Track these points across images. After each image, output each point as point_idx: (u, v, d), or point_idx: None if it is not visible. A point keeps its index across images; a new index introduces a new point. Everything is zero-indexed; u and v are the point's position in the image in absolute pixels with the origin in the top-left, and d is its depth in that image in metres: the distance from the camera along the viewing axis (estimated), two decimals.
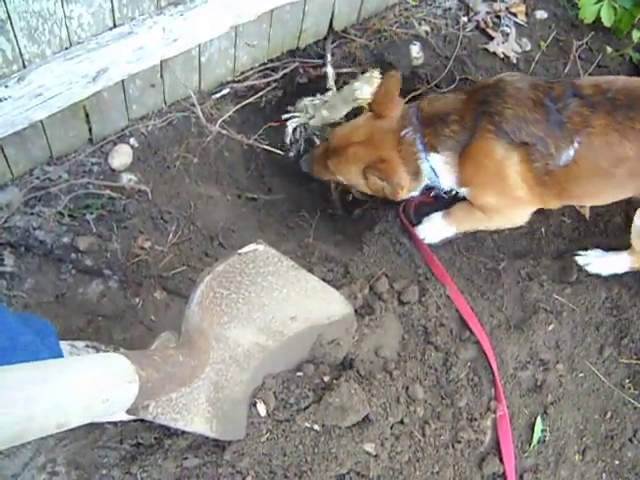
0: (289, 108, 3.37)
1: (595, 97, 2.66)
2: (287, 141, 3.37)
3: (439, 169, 2.90)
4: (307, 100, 3.32)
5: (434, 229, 3.16)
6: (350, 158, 2.99)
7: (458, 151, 2.82)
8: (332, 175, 3.14)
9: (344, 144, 3.01)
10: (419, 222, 3.22)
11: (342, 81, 3.48)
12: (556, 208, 3.05)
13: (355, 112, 3.27)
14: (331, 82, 3.40)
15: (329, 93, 3.31)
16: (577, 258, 3.17)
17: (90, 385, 1.46)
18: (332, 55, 3.51)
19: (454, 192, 3.04)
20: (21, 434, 1.29)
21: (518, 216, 3.00)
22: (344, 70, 3.53)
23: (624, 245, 3.03)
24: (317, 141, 3.35)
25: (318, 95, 3.34)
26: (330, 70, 3.40)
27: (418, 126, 2.87)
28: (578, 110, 2.65)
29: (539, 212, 3.03)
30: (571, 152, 2.65)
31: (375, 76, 2.99)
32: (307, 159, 3.28)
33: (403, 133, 2.87)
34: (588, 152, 2.65)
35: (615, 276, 3.07)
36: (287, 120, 3.33)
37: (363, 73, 3.19)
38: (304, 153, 3.43)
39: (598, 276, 3.09)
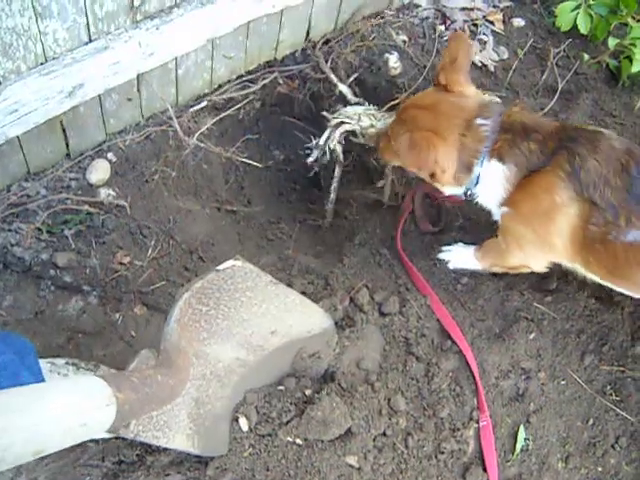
0: (326, 114, 3.27)
1: None
2: (325, 146, 3.24)
3: (491, 179, 2.65)
4: (359, 108, 3.24)
5: (462, 259, 3.11)
6: (407, 121, 2.75)
7: (523, 171, 2.57)
8: (393, 153, 2.88)
9: (405, 108, 2.82)
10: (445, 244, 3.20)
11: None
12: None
13: None
14: (350, 97, 3.34)
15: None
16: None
17: (67, 411, 1.46)
18: (334, 71, 3.47)
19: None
20: None
21: (538, 259, 2.81)
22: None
23: None
24: (339, 150, 3.25)
25: (367, 104, 3.30)
26: (344, 87, 3.35)
27: (497, 126, 2.61)
28: None
29: None
30: None
31: None
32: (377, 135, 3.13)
33: (479, 122, 2.61)
34: None
35: (594, 284, 3.07)
36: (336, 125, 3.24)
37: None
38: (322, 162, 3.38)
39: (577, 284, 3.09)
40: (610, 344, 3.02)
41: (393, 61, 3.59)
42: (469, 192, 2.76)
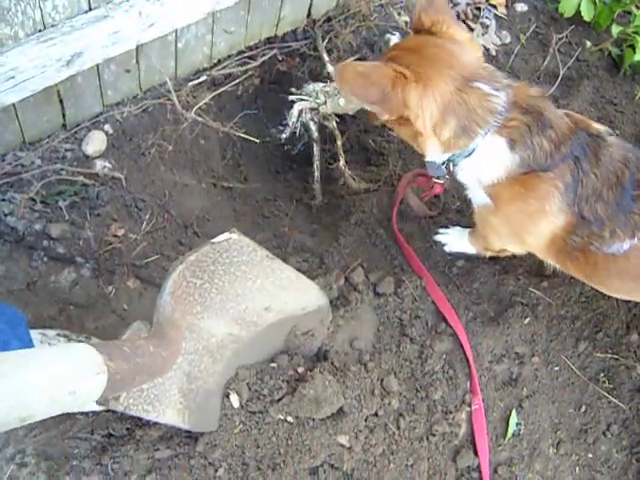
0: (293, 90, 3.26)
1: None
2: (290, 123, 3.21)
3: (488, 159, 2.42)
4: (318, 85, 3.19)
5: (458, 242, 3.09)
6: (387, 60, 2.41)
7: (524, 167, 2.39)
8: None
9: (391, 50, 2.53)
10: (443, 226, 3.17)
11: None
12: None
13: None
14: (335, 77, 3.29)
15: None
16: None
17: (55, 378, 1.44)
18: (333, 51, 3.45)
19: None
20: None
21: (516, 250, 2.81)
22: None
23: None
24: (313, 128, 3.25)
25: (329, 82, 3.25)
26: (332, 68, 3.29)
27: (510, 102, 2.35)
28: None
29: None
30: (626, 245, 2.40)
31: None
32: None
33: (486, 89, 2.32)
34: None
35: None
36: (293, 102, 3.22)
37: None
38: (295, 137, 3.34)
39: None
40: (605, 331, 3.02)
41: (394, 41, 3.56)
42: (452, 163, 2.52)
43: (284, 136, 3.15)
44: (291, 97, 3.14)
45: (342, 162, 3.24)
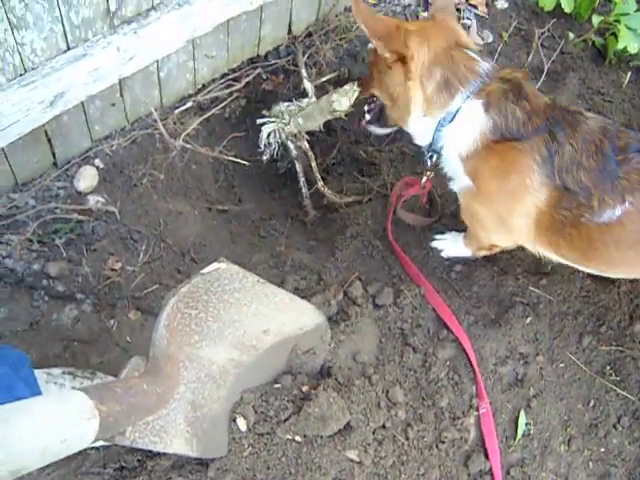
0: (264, 112, 3.33)
1: None
2: (261, 146, 3.33)
3: (467, 122, 2.53)
4: (283, 105, 3.28)
5: (454, 247, 3.11)
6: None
7: (496, 134, 2.48)
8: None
9: None
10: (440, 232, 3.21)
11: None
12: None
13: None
14: (311, 94, 3.33)
15: (305, 100, 3.26)
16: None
17: (45, 428, 1.46)
18: (306, 66, 3.48)
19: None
20: None
21: (503, 241, 2.83)
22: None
23: None
24: (291, 146, 3.32)
25: (294, 101, 3.30)
26: (308, 85, 3.34)
27: (493, 73, 2.52)
28: (639, 167, 2.40)
29: None
30: (618, 211, 2.40)
31: (354, 89, 2.93)
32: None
33: (474, 55, 2.55)
34: (638, 215, 2.40)
35: None
36: (261, 125, 3.30)
37: (342, 85, 3.14)
38: (279, 157, 3.41)
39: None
40: (608, 324, 3.02)
41: None
42: (436, 138, 2.63)
43: (265, 158, 3.24)
44: (259, 120, 3.20)
45: (320, 184, 3.33)
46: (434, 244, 3.14)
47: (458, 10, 3.83)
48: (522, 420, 2.81)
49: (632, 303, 3.05)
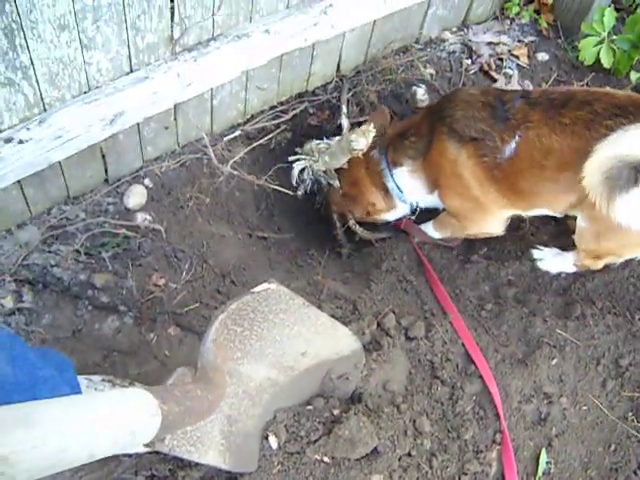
0: (297, 149, 3.46)
1: (539, 98, 2.88)
2: (293, 181, 3.45)
3: (405, 181, 3.28)
4: (314, 143, 3.41)
5: (428, 232, 3.44)
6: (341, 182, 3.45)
7: (419, 158, 3.16)
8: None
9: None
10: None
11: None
12: (526, 215, 3.25)
13: None
14: (345, 131, 3.48)
15: (336, 138, 3.39)
16: (533, 251, 3.34)
17: (117, 419, 1.55)
18: (348, 104, 3.61)
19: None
20: (56, 464, 1.38)
21: (488, 222, 3.19)
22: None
23: None
24: (323, 182, 3.45)
25: (324, 139, 3.43)
26: (345, 122, 3.49)
27: (383, 148, 3.28)
28: (521, 107, 2.86)
29: None
30: (513, 145, 2.85)
31: (370, 130, 3.08)
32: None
33: (371, 154, 3.29)
34: (526, 145, 2.83)
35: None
36: (293, 162, 3.42)
37: (359, 125, 3.29)
38: (312, 192, 3.54)
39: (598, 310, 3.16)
40: (631, 371, 3.05)
41: (421, 93, 3.70)
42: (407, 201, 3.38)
43: (299, 193, 3.35)
44: (290, 157, 3.34)
45: (351, 222, 3.52)
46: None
47: (501, 60, 3.94)
48: (543, 458, 2.84)
49: None
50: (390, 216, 3.54)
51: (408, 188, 3.32)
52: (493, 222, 3.18)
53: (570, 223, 3.22)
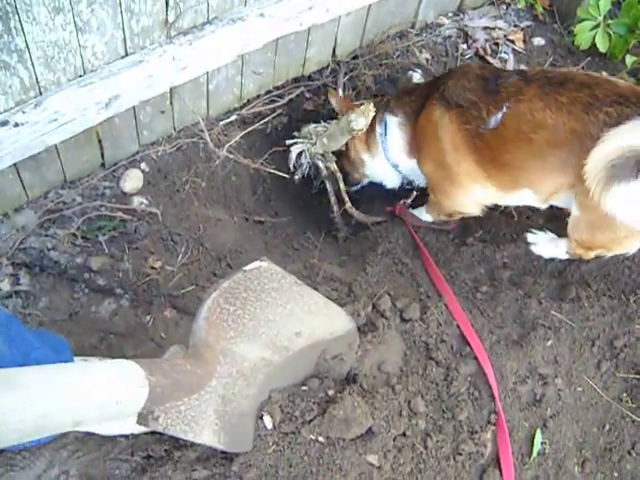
0: (295, 133, 3.47)
1: (536, 75, 2.87)
2: (290, 166, 3.46)
3: (392, 131, 3.32)
4: (311, 127, 3.42)
5: (421, 216, 3.47)
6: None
7: (412, 118, 3.22)
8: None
9: None
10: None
11: None
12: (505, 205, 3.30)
13: None
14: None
15: (333, 121, 3.40)
16: (527, 235, 3.33)
17: (104, 387, 1.56)
18: (345, 88, 3.62)
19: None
20: (41, 428, 1.39)
21: (459, 197, 3.17)
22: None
23: None
24: (321, 166, 3.44)
25: (322, 122, 3.44)
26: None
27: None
28: (515, 82, 2.87)
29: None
30: (499, 115, 2.85)
31: (370, 109, 3.09)
32: None
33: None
34: (514, 116, 2.82)
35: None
36: (291, 145, 3.43)
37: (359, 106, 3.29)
38: (309, 176, 3.55)
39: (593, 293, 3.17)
40: (626, 352, 3.06)
41: (417, 78, 3.70)
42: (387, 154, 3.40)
43: (296, 177, 3.36)
44: (287, 141, 3.34)
45: (348, 205, 3.50)
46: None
47: (496, 44, 3.95)
48: (538, 439, 2.84)
49: None
50: (369, 167, 3.56)
51: (391, 139, 3.36)
52: (465, 198, 3.16)
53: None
